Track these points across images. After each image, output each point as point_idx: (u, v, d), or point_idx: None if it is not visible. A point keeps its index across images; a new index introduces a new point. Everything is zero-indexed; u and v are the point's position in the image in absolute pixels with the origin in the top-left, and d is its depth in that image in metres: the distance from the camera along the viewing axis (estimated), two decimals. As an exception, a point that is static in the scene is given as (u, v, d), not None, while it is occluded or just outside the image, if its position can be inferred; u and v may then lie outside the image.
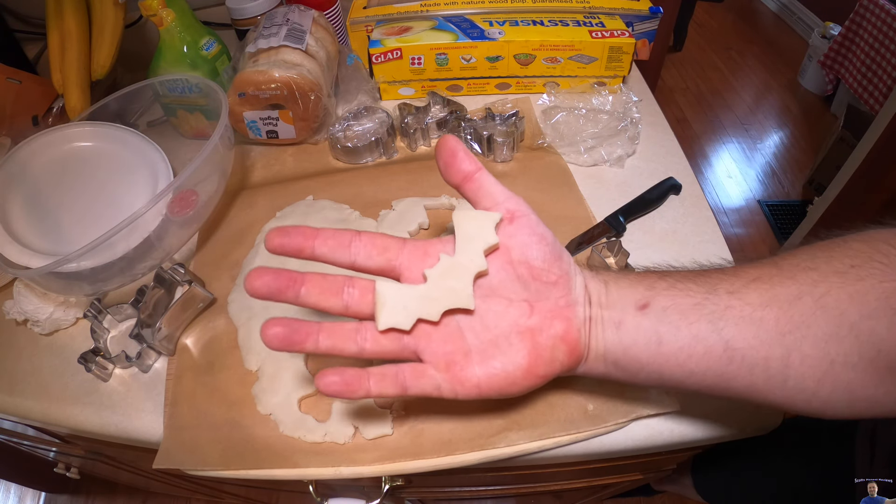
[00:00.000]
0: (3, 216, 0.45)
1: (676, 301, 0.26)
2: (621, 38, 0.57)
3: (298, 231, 0.27)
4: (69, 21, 0.56)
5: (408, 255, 0.28)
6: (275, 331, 0.27)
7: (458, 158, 0.28)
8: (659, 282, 0.27)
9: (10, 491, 1.16)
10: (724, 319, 0.25)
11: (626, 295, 0.27)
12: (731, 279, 0.26)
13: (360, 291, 0.28)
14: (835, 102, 1.93)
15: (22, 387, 0.43)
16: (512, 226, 0.27)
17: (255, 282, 0.26)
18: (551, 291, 0.27)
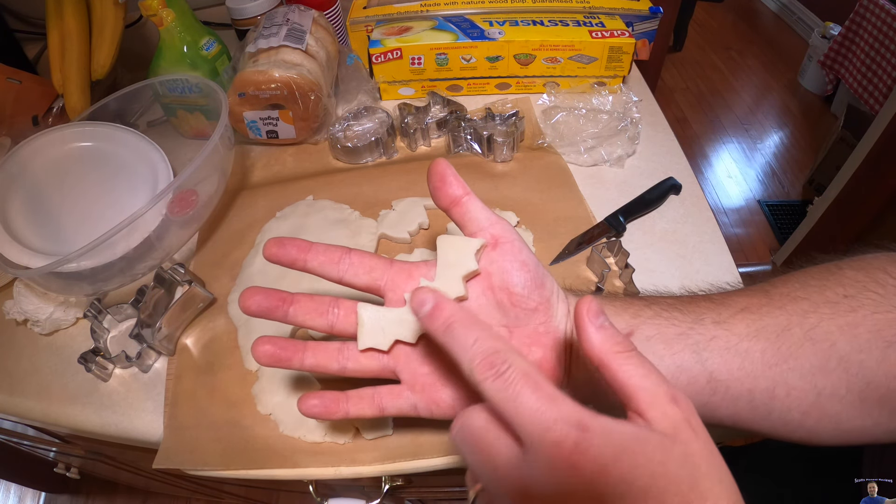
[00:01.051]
0: (3, 216, 0.45)
1: (661, 330, 0.26)
2: (621, 38, 0.57)
3: (293, 244, 0.29)
4: (69, 21, 0.56)
5: (393, 276, 0.29)
6: (264, 348, 0.29)
7: (446, 183, 0.28)
8: (645, 310, 0.27)
9: (10, 491, 1.16)
10: (709, 350, 0.25)
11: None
12: (719, 308, 0.26)
13: (344, 312, 0.29)
14: (835, 102, 1.93)
15: (22, 387, 0.43)
16: (495, 252, 0.27)
17: (247, 301, 0.29)
18: (531, 318, 0.27)
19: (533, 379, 0.20)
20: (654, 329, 0.26)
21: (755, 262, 1.54)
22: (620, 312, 0.28)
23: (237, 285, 0.46)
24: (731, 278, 0.45)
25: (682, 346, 0.25)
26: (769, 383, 0.25)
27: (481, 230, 0.28)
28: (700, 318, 0.26)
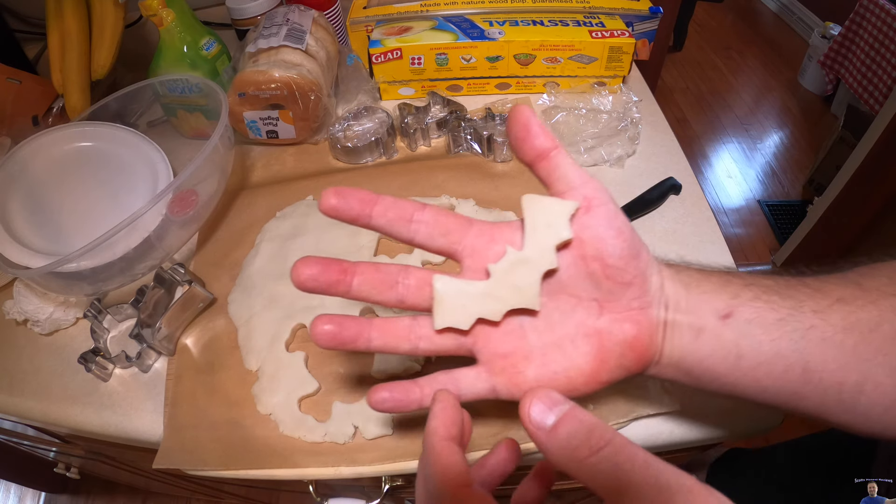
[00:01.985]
0: (3, 216, 0.45)
1: (761, 314, 0.25)
2: (621, 38, 0.57)
3: (357, 195, 0.25)
4: (69, 21, 0.56)
5: (472, 241, 0.26)
6: (324, 329, 0.25)
7: (531, 134, 0.24)
8: (744, 291, 0.26)
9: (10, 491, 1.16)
10: (806, 339, 0.25)
11: (709, 301, 0.26)
12: (816, 297, 0.25)
13: (415, 283, 0.26)
14: (835, 102, 1.93)
15: (22, 387, 0.43)
16: (588, 216, 0.24)
17: (301, 274, 0.24)
18: (624, 292, 0.25)
19: None
20: (753, 312, 0.25)
21: (755, 261, 1.54)
22: (718, 291, 0.26)
23: (237, 285, 0.46)
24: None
25: (781, 332, 0.25)
26: (859, 377, 0.24)
27: (572, 190, 0.25)
28: (799, 305, 0.25)
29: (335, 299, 0.43)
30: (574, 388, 0.25)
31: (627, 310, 0.25)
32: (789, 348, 0.25)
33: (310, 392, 0.39)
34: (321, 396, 0.40)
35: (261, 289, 0.45)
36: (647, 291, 0.25)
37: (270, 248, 0.48)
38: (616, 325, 0.25)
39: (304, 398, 0.39)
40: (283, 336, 0.42)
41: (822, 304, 0.25)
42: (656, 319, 0.25)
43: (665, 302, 0.26)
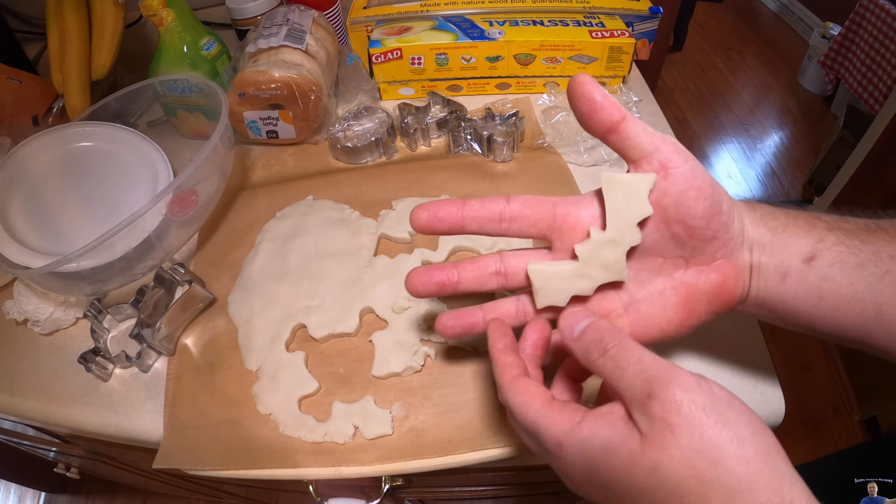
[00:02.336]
0: (3, 216, 0.45)
1: (843, 258, 0.26)
2: (621, 38, 0.57)
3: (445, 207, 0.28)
4: (69, 21, 0.56)
5: (559, 225, 0.28)
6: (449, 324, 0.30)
7: (598, 109, 0.25)
8: (828, 235, 0.27)
9: (10, 491, 1.16)
10: (883, 284, 0.26)
11: (794, 244, 0.27)
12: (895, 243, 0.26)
13: (511, 269, 0.29)
14: (835, 102, 1.93)
15: (22, 387, 0.43)
16: (665, 182, 0.25)
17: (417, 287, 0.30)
18: (708, 246, 0.26)
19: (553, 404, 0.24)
20: (836, 256, 0.26)
21: (755, 262, 1.54)
22: (805, 235, 0.27)
23: (237, 285, 0.46)
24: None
25: (860, 277, 0.26)
26: None
27: (646, 157, 0.25)
28: (879, 250, 0.26)
29: (335, 297, 0.43)
30: (667, 335, 0.28)
31: (712, 260, 0.27)
32: (866, 292, 0.26)
33: (310, 392, 0.39)
34: (321, 396, 0.40)
35: (261, 289, 0.45)
36: (730, 240, 0.26)
37: (270, 248, 0.48)
38: (702, 276, 0.27)
39: (304, 398, 0.39)
40: (283, 336, 0.42)
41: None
42: (742, 264, 0.27)
43: (750, 246, 0.27)
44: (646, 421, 0.21)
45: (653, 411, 0.21)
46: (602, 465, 0.22)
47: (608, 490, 0.22)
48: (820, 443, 1.18)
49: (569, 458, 0.23)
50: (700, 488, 0.20)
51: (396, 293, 0.43)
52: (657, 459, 0.20)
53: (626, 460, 0.21)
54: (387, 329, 0.42)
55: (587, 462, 0.22)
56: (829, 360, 1.30)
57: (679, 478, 0.20)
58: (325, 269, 0.45)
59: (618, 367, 0.22)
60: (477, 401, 0.38)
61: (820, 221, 0.28)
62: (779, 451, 0.21)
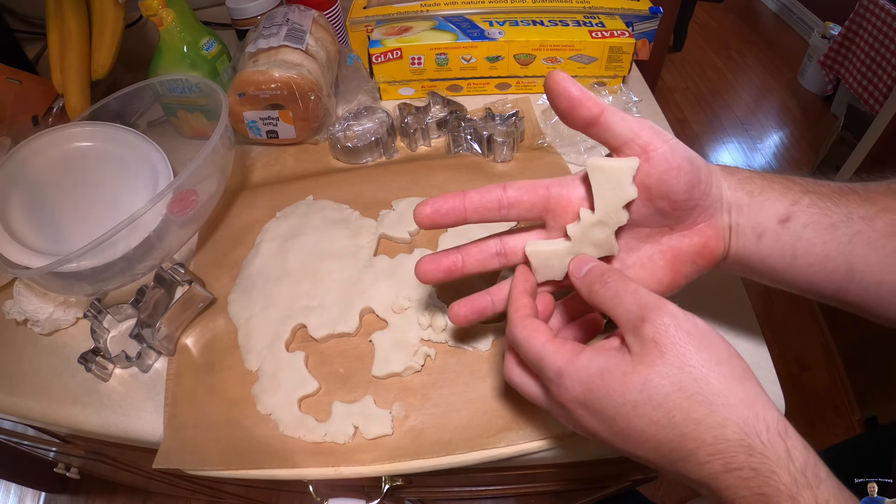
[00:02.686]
0: (3, 216, 0.45)
1: (816, 220, 0.28)
2: (621, 38, 0.57)
3: (446, 202, 0.30)
4: (69, 21, 0.56)
5: (552, 208, 0.30)
6: (462, 312, 0.32)
7: (576, 103, 0.27)
8: (802, 197, 0.29)
9: (10, 491, 1.16)
10: (853, 243, 0.28)
11: (769, 206, 0.29)
12: (865, 206, 0.28)
13: (511, 249, 0.31)
14: (835, 102, 1.93)
15: (22, 387, 0.43)
16: (648, 164, 0.27)
17: (427, 274, 0.31)
18: (690, 213, 0.29)
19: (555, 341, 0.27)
20: (809, 218, 0.28)
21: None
22: (780, 198, 0.29)
23: (237, 285, 0.46)
24: (731, 278, 0.44)
25: (832, 237, 0.28)
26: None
27: (627, 144, 0.27)
28: (850, 212, 0.28)
29: (335, 297, 0.43)
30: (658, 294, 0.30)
31: (694, 225, 0.29)
32: (837, 251, 0.28)
33: (310, 392, 0.39)
34: (321, 396, 0.40)
35: (261, 289, 0.45)
36: (710, 205, 0.29)
37: (270, 248, 0.48)
38: (686, 240, 0.29)
39: (304, 398, 0.39)
40: (283, 336, 0.42)
41: (870, 212, 0.28)
42: (722, 225, 0.29)
43: (728, 208, 0.29)
44: (637, 342, 0.24)
45: (644, 332, 0.24)
46: (599, 388, 0.24)
47: (602, 412, 0.25)
48: (820, 443, 1.18)
49: (568, 383, 0.25)
50: (684, 401, 0.23)
51: (396, 293, 0.43)
52: (647, 375, 0.23)
53: (619, 379, 0.24)
54: (387, 329, 0.42)
55: (585, 386, 0.25)
56: (829, 360, 1.30)
57: (666, 391, 0.23)
58: (325, 269, 0.45)
59: (616, 296, 0.25)
60: (477, 401, 0.38)
61: (795, 185, 0.29)
62: (752, 376, 0.24)
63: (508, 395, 0.38)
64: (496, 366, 0.40)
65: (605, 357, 0.25)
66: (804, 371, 1.29)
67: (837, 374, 1.28)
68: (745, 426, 0.22)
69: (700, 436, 0.23)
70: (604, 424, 0.25)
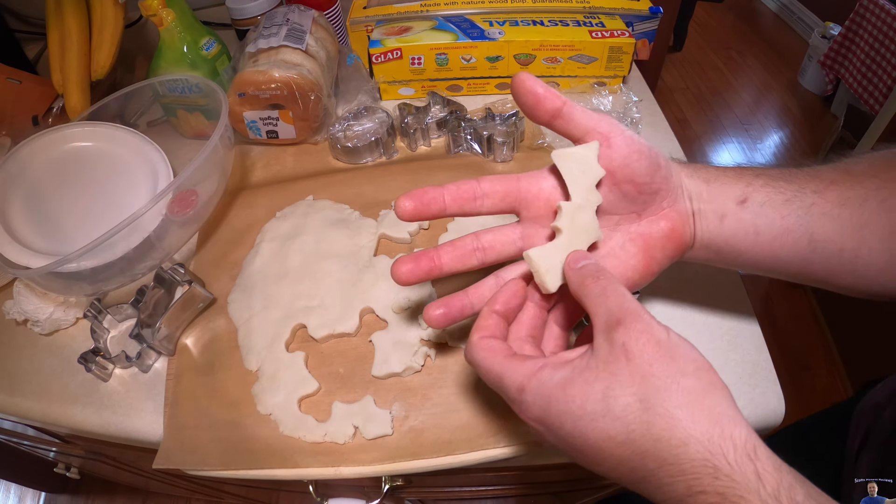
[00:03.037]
0: (3, 216, 0.45)
1: (771, 197, 0.30)
2: (621, 38, 0.57)
3: (426, 196, 0.30)
4: (69, 21, 0.56)
5: (524, 195, 0.31)
6: (437, 314, 0.30)
7: (541, 99, 0.28)
8: (755, 179, 0.30)
9: (10, 491, 1.16)
10: (811, 215, 0.29)
11: (727, 191, 0.30)
12: (815, 181, 0.30)
13: (488, 245, 0.31)
14: (835, 102, 1.93)
15: (22, 387, 0.43)
16: (610, 150, 0.28)
17: (401, 275, 0.30)
18: (654, 198, 0.30)
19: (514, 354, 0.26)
20: (765, 196, 0.30)
21: (755, 262, 1.54)
22: (735, 182, 0.31)
23: (237, 285, 0.46)
24: (731, 278, 0.45)
25: (789, 210, 0.30)
26: (855, 244, 0.29)
27: (588, 133, 0.29)
28: (802, 187, 0.30)
29: (335, 297, 0.43)
30: (635, 283, 0.31)
31: (660, 210, 0.30)
32: (796, 223, 0.29)
33: (310, 392, 0.39)
34: (321, 396, 0.40)
35: (261, 289, 0.45)
36: (672, 190, 0.30)
37: (270, 249, 0.48)
38: (654, 226, 0.30)
39: (304, 398, 0.39)
40: (283, 336, 0.42)
41: (820, 186, 0.30)
42: (685, 210, 0.30)
43: (688, 195, 0.31)
44: (606, 345, 0.23)
45: (615, 336, 0.23)
46: (559, 399, 0.24)
47: (561, 428, 0.24)
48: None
49: (529, 399, 0.25)
50: (643, 413, 0.22)
51: (396, 293, 0.43)
52: (608, 384, 0.22)
53: (580, 389, 0.23)
54: (387, 329, 0.42)
55: (545, 399, 0.24)
56: (829, 360, 1.30)
57: (625, 401, 0.22)
58: (325, 269, 0.45)
59: (604, 293, 0.25)
60: (477, 401, 0.38)
61: (747, 170, 0.31)
62: (720, 389, 0.22)
63: (508, 395, 0.38)
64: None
65: (569, 367, 0.24)
66: (804, 371, 1.30)
67: (837, 374, 1.28)
68: (711, 444, 0.21)
69: (661, 454, 0.21)
70: (563, 442, 0.24)
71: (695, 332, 0.42)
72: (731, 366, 0.40)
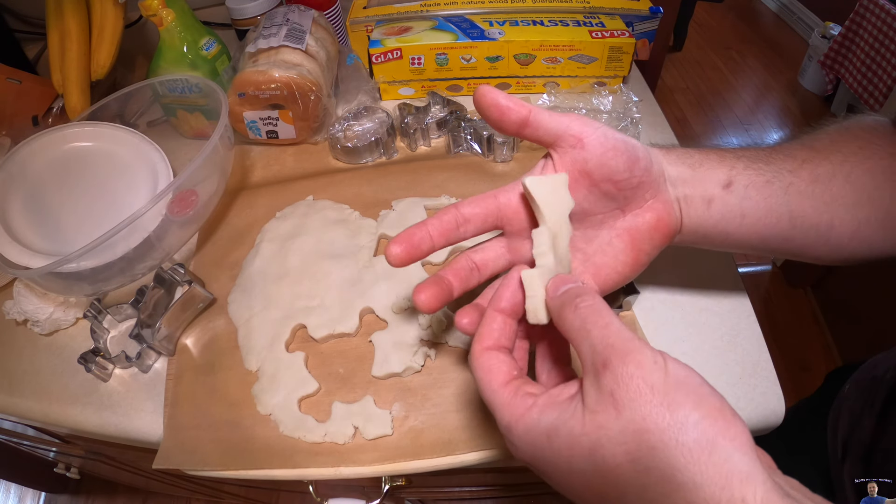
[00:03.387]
0: (3, 216, 0.45)
1: (753, 179, 0.31)
2: (621, 38, 0.57)
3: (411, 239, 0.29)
4: (69, 21, 0.56)
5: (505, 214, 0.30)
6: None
7: (506, 111, 0.28)
8: (737, 163, 0.31)
9: (10, 491, 1.16)
10: (789, 195, 0.31)
11: (712, 175, 0.31)
12: (789, 161, 0.31)
13: (481, 263, 0.31)
14: (835, 102, 1.93)
15: (22, 387, 0.43)
16: (584, 151, 0.28)
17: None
18: (637, 192, 0.29)
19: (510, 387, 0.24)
20: (748, 179, 0.31)
21: (755, 262, 1.54)
22: (718, 166, 0.31)
23: (237, 285, 0.46)
24: (731, 278, 0.45)
25: (770, 192, 0.31)
26: (828, 217, 0.31)
27: (560, 137, 0.28)
28: (779, 168, 0.31)
29: (335, 299, 0.43)
30: (626, 277, 0.31)
31: (644, 202, 0.30)
32: (777, 203, 0.31)
33: (310, 392, 0.39)
34: (321, 396, 0.40)
35: (261, 289, 0.45)
36: (654, 181, 0.29)
37: (270, 249, 0.48)
38: (639, 219, 0.30)
39: (304, 398, 0.39)
40: (282, 336, 0.42)
41: (794, 166, 0.31)
42: (670, 199, 0.30)
43: (673, 182, 0.31)
44: (594, 391, 0.21)
45: (603, 383, 0.20)
46: (546, 450, 0.22)
47: (551, 478, 0.23)
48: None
49: (516, 441, 0.23)
50: (637, 477, 0.19)
51: (396, 293, 0.43)
52: (596, 440, 0.20)
53: (566, 442, 0.21)
54: (387, 329, 0.42)
55: (532, 447, 0.23)
56: (830, 361, 1.30)
57: (616, 461, 0.19)
58: (325, 269, 0.45)
59: (584, 326, 0.22)
60: (477, 401, 0.38)
61: (728, 153, 0.32)
62: (732, 439, 0.18)
63: (508, 395, 0.38)
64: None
65: (557, 412, 0.22)
66: (804, 371, 1.29)
67: (837, 374, 1.28)
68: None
69: None
70: (555, 485, 0.23)
71: (695, 331, 0.42)
72: (731, 366, 0.40)
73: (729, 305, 0.43)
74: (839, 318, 1.32)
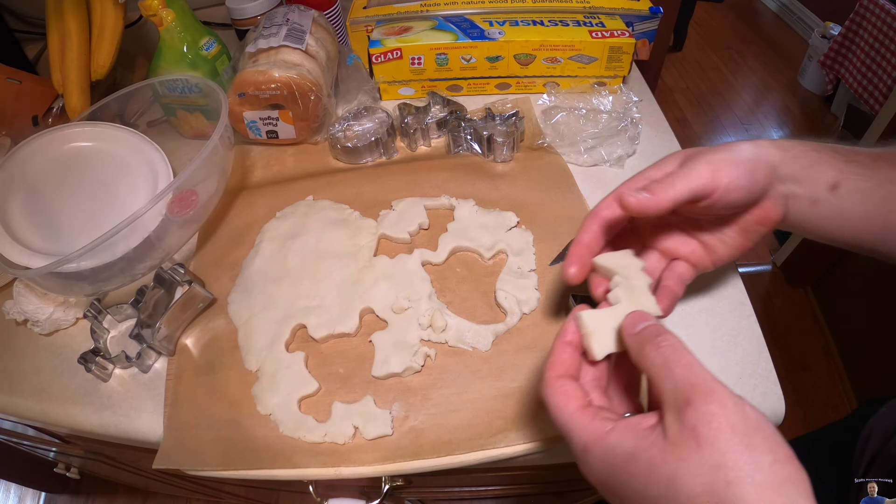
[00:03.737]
0: (3, 216, 0.45)
1: (858, 185, 0.32)
2: (621, 38, 0.57)
3: (580, 255, 0.32)
4: (69, 21, 0.56)
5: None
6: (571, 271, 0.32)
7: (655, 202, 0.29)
8: (846, 166, 0.32)
9: (10, 491, 1.16)
10: (888, 202, 0.32)
11: (821, 177, 0.32)
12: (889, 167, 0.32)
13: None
14: (835, 102, 1.93)
15: (22, 387, 0.43)
16: (712, 200, 0.30)
17: (571, 277, 0.32)
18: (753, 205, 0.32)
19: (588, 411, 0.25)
20: (853, 184, 0.32)
21: (755, 262, 1.54)
22: (828, 168, 0.32)
23: (237, 285, 0.46)
24: (731, 278, 0.45)
25: (871, 199, 0.32)
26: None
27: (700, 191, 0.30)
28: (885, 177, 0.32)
29: (335, 299, 0.43)
30: (732, 258, 0.34)
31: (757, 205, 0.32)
32: (876, 210, 0.32)
33: (310, 392, 0.39)
34: (321, 396, 0.40)
35: (261, 289, 0.45)
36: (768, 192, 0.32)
37: (270, 249, 0.48)
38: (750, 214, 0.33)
39: (304, 398, 0.39)
40: (282, 336, 0.42)
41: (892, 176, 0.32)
42: (778, 196, 0.32)
43: (783, 180, 0.32)
44: (676, 425, 0.22)
45: (686, 418, 0.21)
46: (623, 473, 0.23)
47: (622, 499, 0.23)
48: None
49: (592, 462, 0.24)
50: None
51: (396, 293, 0.43)
52: (675, 470, 0.21)
53: (645, 468, 0.22)
54: (387, 329, 0.42)
55: (609, 468, 0.23)
56: (829, 360, 1.30)
57: (694, 491, 0.20)
58: (325, 269, 0.45)
59: (666, 364, 0.23)
60: (477, 401, 0.38)
61: (838, 154, 0.33)
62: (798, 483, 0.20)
63: (508, 395, 0.38)
64: (496, 366, 0.40)
65: (637, 439, 0.23)
66: (804, 371, 1.29)
67: (837, 374, 1.28)
68: None
69: None
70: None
71: (695, 331, 0.42)
72: (731, 366, 0.40)
73: (729, 305, 0.43)
74: (839, 318, 1.32)
